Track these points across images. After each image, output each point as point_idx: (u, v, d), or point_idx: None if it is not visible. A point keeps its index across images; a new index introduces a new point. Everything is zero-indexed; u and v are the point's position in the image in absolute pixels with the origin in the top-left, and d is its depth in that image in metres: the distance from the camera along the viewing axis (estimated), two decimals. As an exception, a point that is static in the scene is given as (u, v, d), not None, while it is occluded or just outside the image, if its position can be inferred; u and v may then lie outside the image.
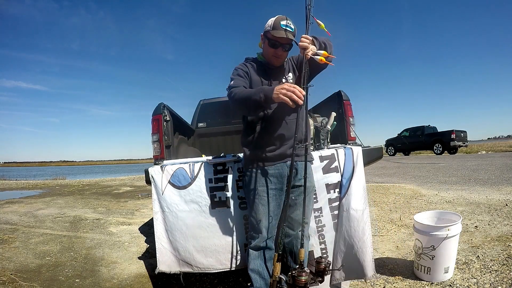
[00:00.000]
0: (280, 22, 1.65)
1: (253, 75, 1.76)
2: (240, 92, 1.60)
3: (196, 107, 4.58)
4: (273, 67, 1.80)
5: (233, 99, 1.62)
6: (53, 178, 15.95)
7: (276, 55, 1.72)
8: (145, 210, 5.43)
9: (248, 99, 1.53)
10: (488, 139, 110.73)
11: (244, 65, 1.81)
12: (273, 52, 1.71)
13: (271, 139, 1.72)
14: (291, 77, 1.81)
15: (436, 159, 12.75)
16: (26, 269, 2.69)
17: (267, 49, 1.74)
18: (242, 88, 1.65)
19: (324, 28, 1.59)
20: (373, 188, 6.05)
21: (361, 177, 2.05)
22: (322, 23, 1.57)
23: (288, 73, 1.82)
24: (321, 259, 1.60)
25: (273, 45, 1.69)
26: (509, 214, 3.43)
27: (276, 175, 1.73)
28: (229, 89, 1.68)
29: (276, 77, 1.80)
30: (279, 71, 1.81)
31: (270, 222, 1.74)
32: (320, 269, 1.55)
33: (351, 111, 2.71)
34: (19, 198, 7.40)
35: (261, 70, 1.79)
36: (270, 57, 1.75)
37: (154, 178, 2.14)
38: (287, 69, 1.84)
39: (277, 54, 1.72)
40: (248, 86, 1.73)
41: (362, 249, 1.92)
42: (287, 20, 1.67)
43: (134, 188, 9.23)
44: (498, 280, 1.98)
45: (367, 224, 1.94)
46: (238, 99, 1.59)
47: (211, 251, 2.06)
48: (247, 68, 1.78)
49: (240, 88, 1.64)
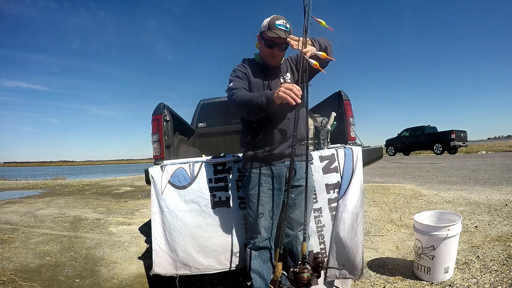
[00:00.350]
0: (275, 22, 1.65)
1: (251, 76, 1.76)
2: (242, 95, 1.60)
3: (196, 107, 4.58)
4: (271, 67, 1.80)
5: (234, 102, 1.62)
6: (53, 178, 15.95)
7: (272, 55, 1.72)
8: (145, 210, 5.43)
9: (250, 102, 1.54)
10: (488, 139, 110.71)
11: (242, 66, 1.81)
12: (269, 52, 1.71)
13: (270, 139, 1.72)
14: (289, 77, 1.81)
15: (436, 159, 12.75)
16: (26, 269, 2.69)
17: (264, 50, 1.73)
18: (244, 91, 1.64)
19: (325, 25, 1.58)
20: (373, 188, 6.05)
21: (360, 178, 2.05)
22: (322, 20, 1.57)
23: (286, 73, 1.82)
24: (318, 254, 1.61)
25: (269, 45, 1.69)
26: (509, 214, 3.43)
27: (275, 175, 1.73)
28: (229, 91, 1.68)
29: (274, 77, 1.79)
30: (276, 71, 1.81)
31: (269, 222, 1.74)
32: (316, 264, 1.56)
33: (351, 111, 2.71)
34: (19, 198, 7.40)
35: (259, 70, 1.79)
36: (266, 57, 1.75)
37: (154, 178, 2.14)
38: (285, 69, 1.83)
39: (274, 54, 1.72)
40: (247, 87, 1.73)
41: (353, 249, 1.93)
42: (283, 19, 1.67)
43: (134, 188, 9.23)
44: (498, 280, 1.98)
45: (360, 226, 1.95)
46: (240, 102, 1.59)
47: (211, 251, 2.05)
48: (245, 69, 1.78)
49: (242, 91, 1.64)
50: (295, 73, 1.81)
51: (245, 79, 1.75)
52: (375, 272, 2.32)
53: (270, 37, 1.65)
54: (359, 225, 1.95)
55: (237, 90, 1.65)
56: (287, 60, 1.87)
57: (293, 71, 1.83)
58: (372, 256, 2.64)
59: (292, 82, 1.77)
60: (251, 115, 1.65)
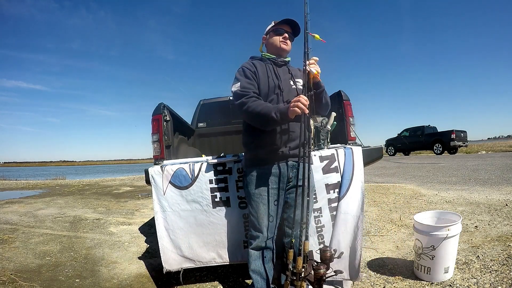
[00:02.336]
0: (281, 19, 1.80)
1: (261, 74, 1.77)
2: (255, 107, 1.60)
3: (196, 107, 4.58)
4: (280, 63, 1.84)
5: (246, 112, 1.64)
6: (53, 178, 15.95)
7: (284, 40, 1.82)
8: (145, 210, 5.43)
9: (264, 117, 1.57)
10: (488, 139, 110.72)
11: (251, 64, 1.81)
12: (279, 38, 1.82)
13: (271, 139, 1.72)
14: (301, 83, 1.84)
15: (436, 159, 12.76)
16: (26, 269, 2.69)
17: (273, 39, 1.83)
18: (255, 101, 1.64)
19: (319, 38, 1.67)
20: (373, 188, 6.05)
21: (360, 179, 2.06)
22: (316, 34, 1.66)
23: (298, 78, 1.86)
24: (326, 247, 1.61)
25: (279, 32, 1.81)
26: (509, 214, 3.43)
27: (276, 174, 1.73)
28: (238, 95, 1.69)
29: (283, 76, 1.82)
30: (285, 71, 1.85)
31: (270, 221, 1.74)
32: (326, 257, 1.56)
33: (351, 111, 2.72)
34: (19, 198, 7.40)
35: (268, 69, 1.81)
36: (277, 45, 1.83)
37: (154, 178, 2.15)
38: (296, 75, 1.87)
39: (285, 37, 1.82)
40: (257, 89, 1.74)
41: (352, 252, 1.96)
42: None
43: (134, 188, 9.23)
44: (498, 280, 1.98)
45: (360, 229, 1.97)
46: (252, 113, 1.61)
47: (213, 246, 2.13)
48: (254, 67, 1.78)
49: (253, 101, 1.64)
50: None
51: (254, 79, 1.75)
52: (375, 272, 2.32)
53: (279, 23, 1.80)
54: (359, 228, 1.97)
55: (248, 99, 1.65)
56: (299, 69, 1.94)
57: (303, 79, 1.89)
58: (372, 256, 2.63)
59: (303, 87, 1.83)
60: (263, 127, 1.68)
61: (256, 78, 1.75)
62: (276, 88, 1.74)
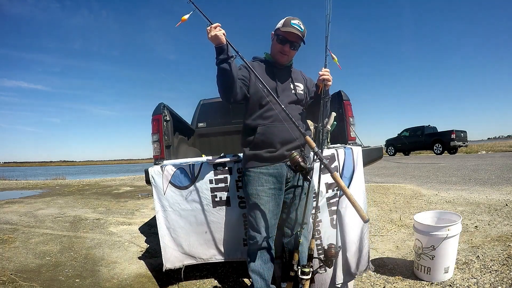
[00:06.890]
0: (290, 21, 1.71)
1: (261, 74, 1.76)
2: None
3: (196, 107, 4.57)
4: (280, 66, 1.83)
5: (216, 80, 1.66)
6: (53, 178, 15.95)
7: (282, 51, 1.76)
8: (145, 210, 5.43)
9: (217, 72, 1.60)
10: (488, 139, 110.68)
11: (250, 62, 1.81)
12: (280, 48, 1.76)
13: (270, 139, 1.72)
14: (302, 88, 1.86)
15: (436, 159, 12.76)
16: (26, 269, 2.69)
17: (275, 45, 1.78)
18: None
19: (337, 62, 1.71)
20: (373, 188, 6.05)
21: (361, 179, 2.07)
22: (335, 56, 1.69)
23: (298, 82, 1.86)
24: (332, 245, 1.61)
25: (282, 41, 1.74)
26: (509, 214, 3.43)
27: (275, 174, 1.73)
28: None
29: (283, 79, 1.82)
30: (286, 74, 1.84)
31: (269, 221, 1.74)
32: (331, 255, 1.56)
33: (351, 111, 2.72)
34: (19, 198, 7.40)
35: (268, 69, 1.82)
36: (276, 53, 1.79)
37: (154, 178, 2.16)
38: (297, 78, 1.87)
39: (284, 50, 1.75)
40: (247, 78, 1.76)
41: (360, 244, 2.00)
42: (298, 20, 1.73)
43: (134, 188, 9.23)
44: (498, 280, 1.98)
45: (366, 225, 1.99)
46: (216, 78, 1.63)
47: (213, 243, 2.17)
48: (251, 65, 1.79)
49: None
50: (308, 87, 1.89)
51: (246, 71, 1.76)
52: (375, 272, 2.32)
53: (283, 32, 1.71)
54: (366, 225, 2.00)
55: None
56: (301, 72, 1.94)
57: (307, 85, 1.90)
58: (372, 256, 2.63)
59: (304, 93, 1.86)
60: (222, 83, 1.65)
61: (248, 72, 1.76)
62: (273, 91, 1.74)
